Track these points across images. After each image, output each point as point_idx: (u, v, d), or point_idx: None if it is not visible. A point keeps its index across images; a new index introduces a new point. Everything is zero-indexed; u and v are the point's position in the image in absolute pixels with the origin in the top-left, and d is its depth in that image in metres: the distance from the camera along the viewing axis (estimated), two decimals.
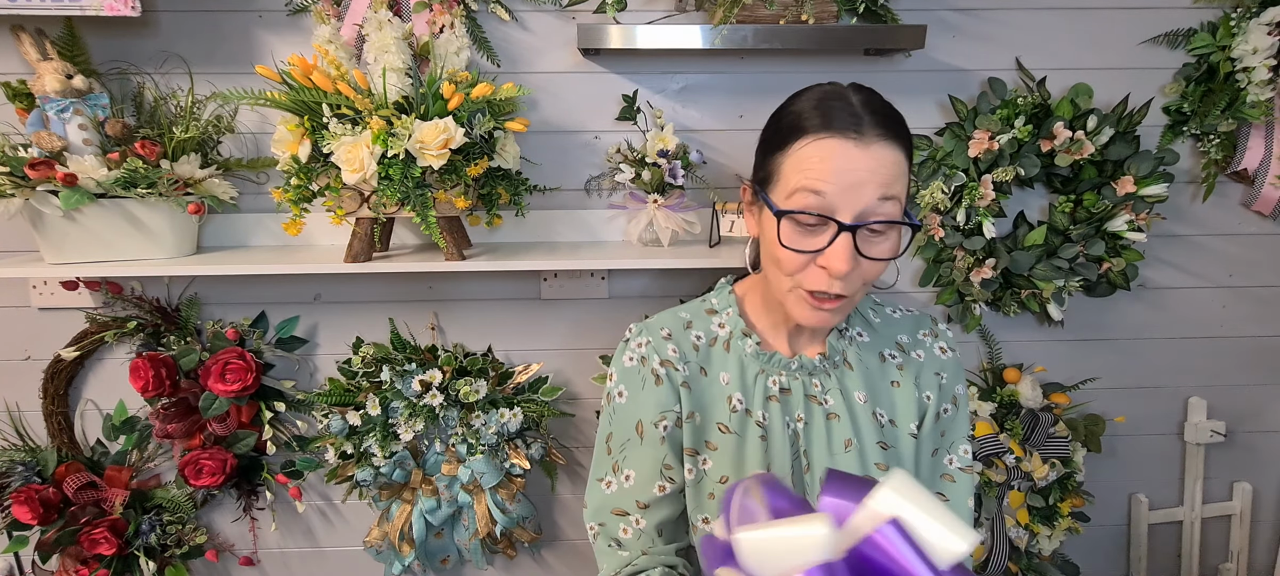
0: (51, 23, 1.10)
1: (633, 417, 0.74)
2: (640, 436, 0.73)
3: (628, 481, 0.74)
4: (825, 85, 0.68)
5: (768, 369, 0.74)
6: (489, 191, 1.13)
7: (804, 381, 0.73)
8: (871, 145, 0.61)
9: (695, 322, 0.77)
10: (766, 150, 0.68)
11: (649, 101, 1.23)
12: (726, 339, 0.76)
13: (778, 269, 0.67)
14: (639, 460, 0.73)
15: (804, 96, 0.67)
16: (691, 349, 0.75)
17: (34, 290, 1.26)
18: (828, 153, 0.61)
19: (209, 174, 1.14)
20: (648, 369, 0.74)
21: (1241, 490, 1.46)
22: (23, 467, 1.24)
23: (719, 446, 0.73)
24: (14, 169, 1.01)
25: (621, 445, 0.75)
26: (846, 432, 0.71)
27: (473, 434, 1.27)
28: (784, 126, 0.65)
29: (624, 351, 0.77)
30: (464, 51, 1.10)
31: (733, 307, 0.77)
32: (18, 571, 1.35)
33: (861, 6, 1.12)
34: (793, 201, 0.63)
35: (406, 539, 1.32)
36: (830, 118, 0.62)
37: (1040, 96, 1.20)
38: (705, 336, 0.76)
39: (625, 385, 0.75)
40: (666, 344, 0.75)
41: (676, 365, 0.74)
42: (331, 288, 1.30)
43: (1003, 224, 1.30)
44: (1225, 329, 1.39)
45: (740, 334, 0.75)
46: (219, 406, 1.23)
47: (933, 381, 0.76)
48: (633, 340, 0.77)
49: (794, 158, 0.63)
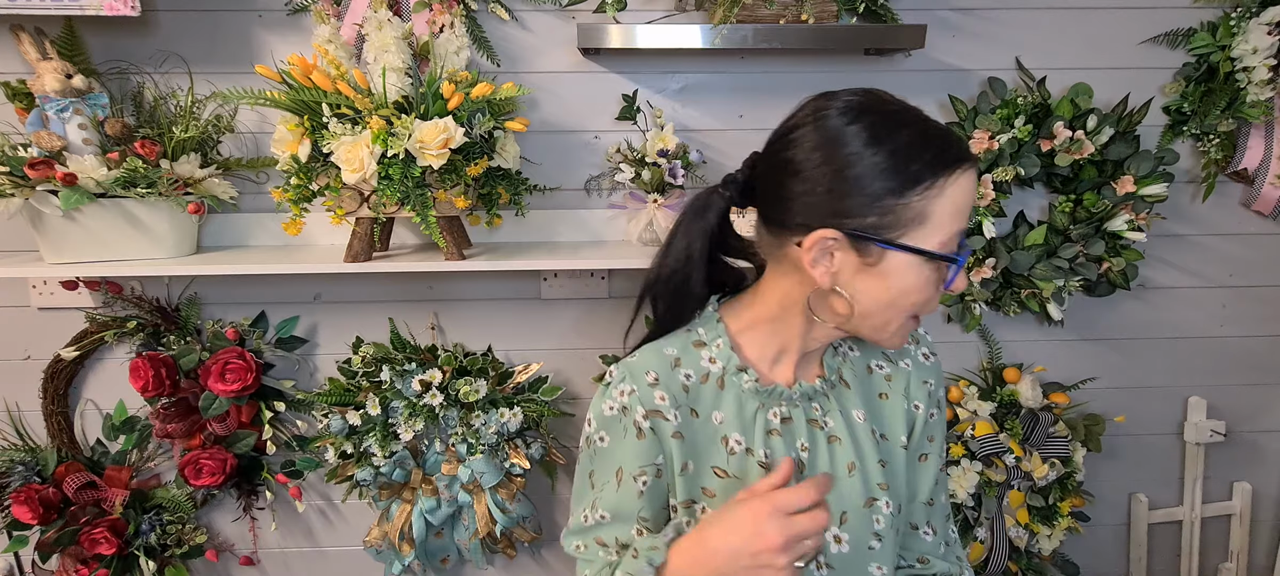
0: (51, 22, 1.10)
1: (613, 464, 0.69)
2: (618, 483, 0.69)
3: (604, 520, 0.70)
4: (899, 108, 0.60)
5: (768, 402, 0.68)
6: (489, 191, 1.13)
7: (804, 407, 0.69)
8: None
9: (683, 359, 0.69)
10: (887, 191, 0.57)
11: (649, 101, 1.23)
12: (719, 375, 0.69)
13: (895, 311, 0.62)
14: (618, 504, 0.70)
15: (903, 128, 0.58)
16: (681, 390, 0.68)
17: (34, 290, 1.26)
18: (969, 183, 0.59)
19: (209, 174, 1.14)
20: (629, 419, 0.67)
21: (1241, 490, 1.46)
22: (23, 467, 1.24)
23: (717, 492, 0.68)
24: (14, 169, 1.01)
25: (602, 485, 0.70)
26: (849, 455, 0.69)
27: (473, 434, 1.27)
28: (915, 164, 0.57)
29: (604, 397, 0.69)
30: (464, 51, 1.10)
31: (722, 338, 0.70)
32: (18, 571, 1.35)
33: (861, 6, 1.12)
34: (952, 243, 0.59)
35: (406, 538, 1.32)
36: (957, 147, 0.59)
37: (1040, 96, 1.20)
38: (695, 374, 0.69)
39: (606, 431, 0.69)
40: (653, 391, 0.67)
41: (666, 414, 0.67)
42: (331, 287, 1.30)
43: (1003, 224, 1.30)
44: (1225, 329, 1.39)
45: (735, 370, 0.69)
46: (219, 406, 1.23)
47: (922, 391, 0.75)
48: (614, 386, 0.69)
49: (946, 198, 0.57)
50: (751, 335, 0.70)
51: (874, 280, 0.60)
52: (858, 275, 0.61)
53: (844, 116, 0.58)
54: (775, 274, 0.68)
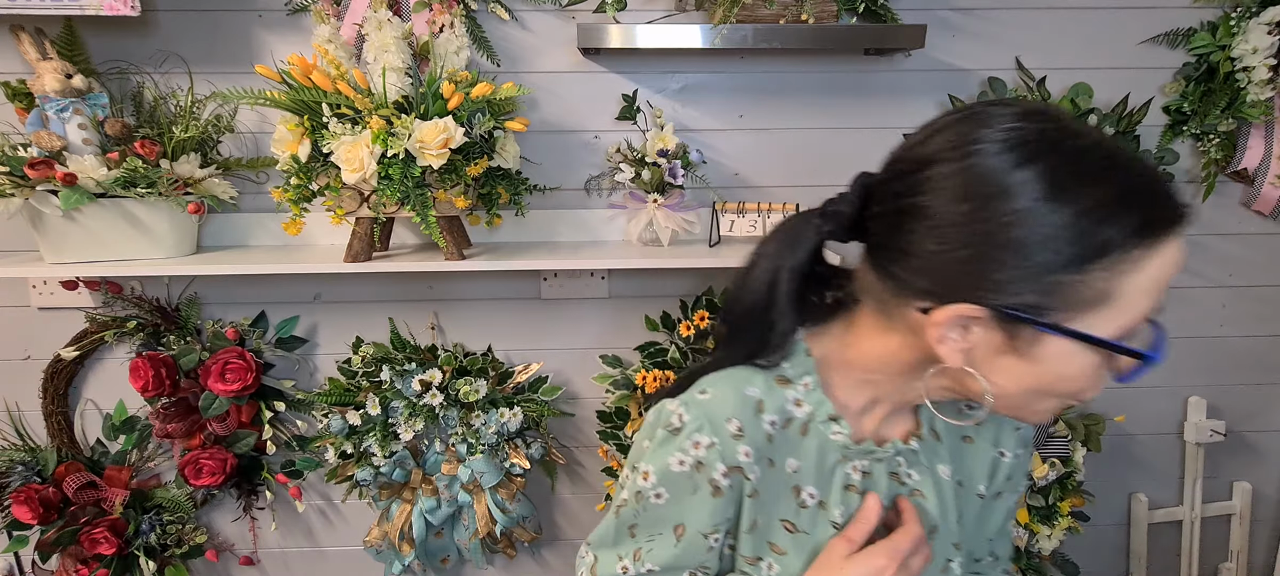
0: (51, 22, 1.10)
1: (671, 521, 0.59)
2: (677, 539, 0.59)
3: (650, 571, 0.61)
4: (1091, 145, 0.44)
5: (851, 457, 0.59)
6: (489, 191, 1.13)
7: (889, 462, 0.60)
8: None
9: (766, 401, 0.57)
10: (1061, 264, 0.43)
11: (649, 101, 1.23)
12: (804, 421, 0.58)
13: (1043, 398, 0.50)
14: (676, 559, 0.60)
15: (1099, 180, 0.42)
16: (764, 441, 0.57)
17: (34, 290, 1.26)
18: (1176, 254, 0.44)
19: (209, 174, 1.14)
20: (704, 477, 0.56)
21: (1241, 489, 1.46)
22: (23, 467, 1.24)
23: (788, 549, 0.59)
24: (14, 168, 1.01)
25: (650, 537, 0.60)
26: (932, 517, 0.60)
27: (473, 433, 1.27)
28: (1110, 229, 0.42)
29: (671, 447, 0.57)
30: (464, 51, 1.10)
31: (811, 376, 0.58)
32: (18, 571, 1.35)
33: (861, 6, 1.12)
34: (1141, 336, 0.46)
35: (406, 538, 1.32)
36: (1171, 206, 0.44)
37: (1040, 96, 1.20)
38: (779, 419, 0.58)
39: (668, 488, 0.58)
40: (737, 445, 0.56)
41: (748, 472, 0.57)
42: (331, 287, 1.30)
43: None
44: (1225, 329, 1.39)
45: (826, 418, 0.58)
46: (219, 406, 1.23)
47: (1013, 437, 0.65)
48: (687, 436, 0.56)
49: (1144, 274, 0.43)
50: (843, 377, 0.59)
51: (1021, 365, 0.48)
52: (1000, 356, 0.48)
53: (1009, 156, 0.43)
54: (880, 328, 0.55)
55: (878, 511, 0.57)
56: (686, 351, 1.29)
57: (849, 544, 0.56)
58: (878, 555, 0.55)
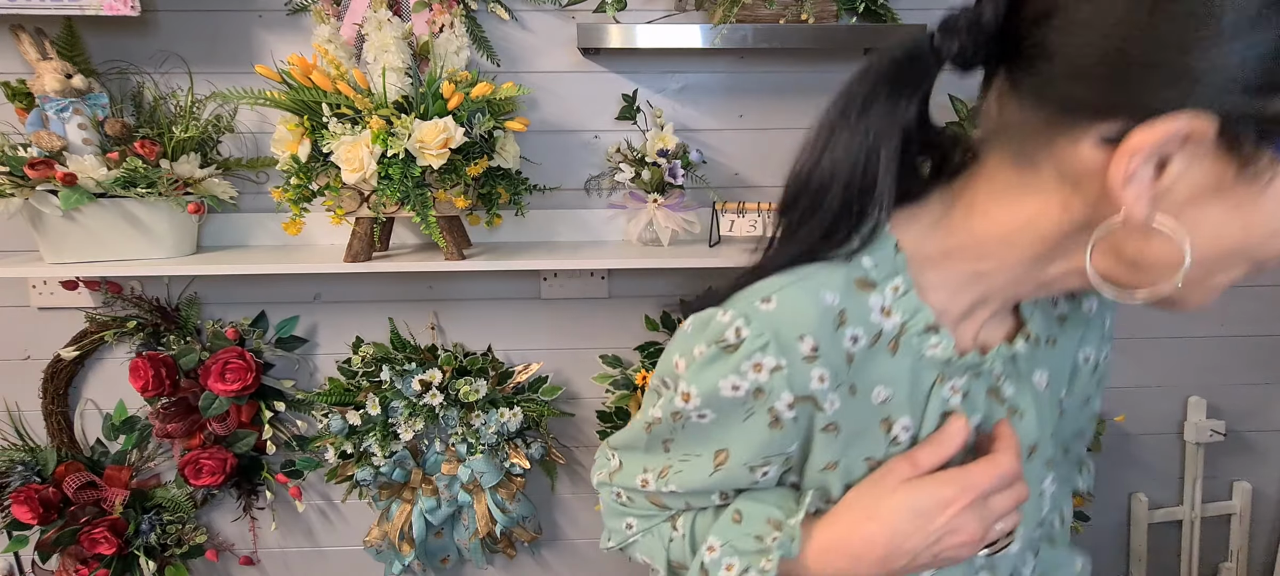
0: (51, 22, 1.10)
1: (715, 444, 0.49)
2: (716, 466, 0.49)
3: (672, 492, 0.53)
4: None
5: (951, 374, 0.47)
6: (489, 191, 1.13)
7: (987, 377, 0.48)
8: None
9: (849, 312, 0.44)
10: None
11: (649, 101, 1.23)
12: (894, 335, 0.45)
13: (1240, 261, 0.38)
14: (708, 485, 0.50)
15: None
16: (844, 363, 0.45)
17: (34, 290, 1.26)
18: None
19: (209, 174, 1.14)
20: (763, 406, 0.45)
21: (1241, 489, 1.46)
22: (23, 467, 1.24)
23: None
24: (14, 168, 1.01)
25: (684, 456, 0.51)
26: (1032, 435, 0.50)
27: (473, 433, 1.27)
28: None
29: (723, 366, 0.44)
30: (464, 51, 1.10)
31: (901, 279, 0.45)
32: (18, 571, 1.35)
33: (861, 6, 1.12)
34: None
35: (406, 538, 1.32)
36: None
37: None
38: (864, 335, 0.45)
39: (716, 411, 0.47)
40: (810, 369, 0.44)
41: (823, 401, 0.45)
42: (331, 287, 1.30)
43: None
44: (1225, 329, 1.39)
45: (922, 329, 0.45)
46: (219, 406, 1.23)
47: (1096, 336, 0.55)
48: (746, 354, 0.43)
49: None
50: (941, 274, 0.46)
51: (1235, 214, 0.35)
52: (1206, 202, 0.35)
53: None
54: (1011, 189, 0.42)
55: (963, 436, 0.45)
56: None
57: (913, 467, 0.45)
58: (945, 484, 0.44)
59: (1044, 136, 0.38)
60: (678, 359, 0.48)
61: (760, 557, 0.47)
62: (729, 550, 0.49)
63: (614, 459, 0.58)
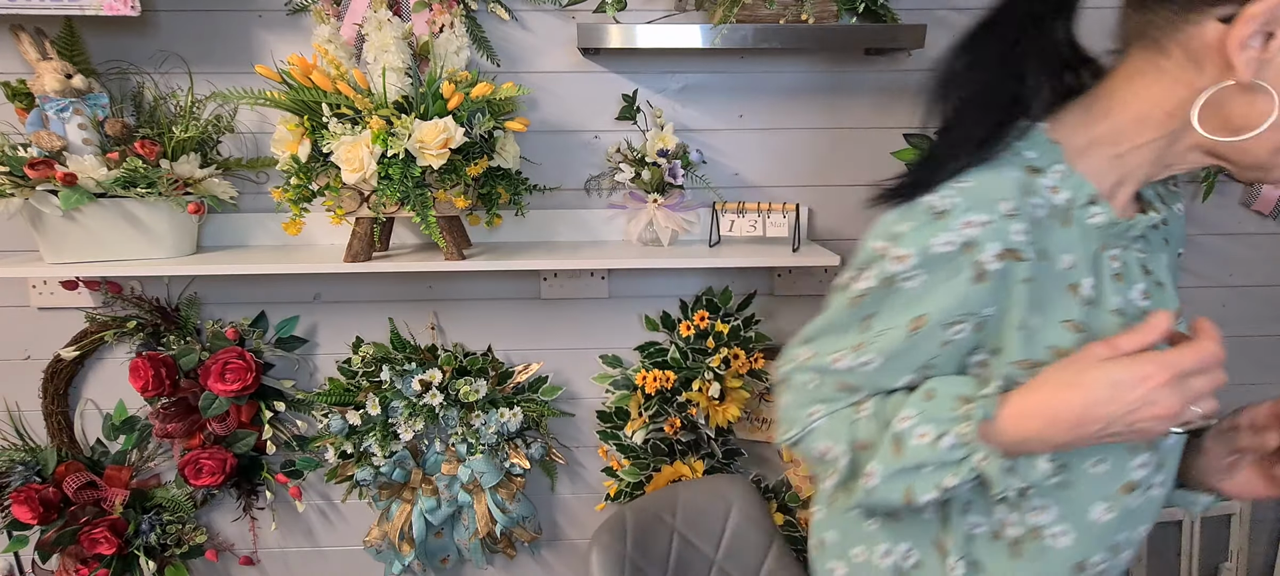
0: (51, 22, 1.10)
1: (916, 309, 0.54)
2: (913, 330, 0.54)
3: (865, 365, 0.57)
4: None
5: (1110, 242, 0.55)
6: (489, 191, 1.13)
7: (1133, 250, 0.57)
8: None
9: (1029, 187, 0.53)
10: None
11: (649, 101, 1.23)
12: (1064, 209, 0.54)
13: None
14: (902, 354, 0.56)
15: None
16: (1035, 224, 0.53)
17: (34, 290, 1.26)
18: None
19: (209, 174, 1.14)
20: (970, 259, 0.51)
21: None
22: (23, 467, 1.24)
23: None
24: (14, 169, 1.01)
25: (880, 330, 0.56)
26: (1172, 303, 0.58)
27: (473, 433, 1.27)
28: None
29: (936, 228, 0.52)
30: (464, 51, 1.10)
31: (1061, 163, 0.54)
32: (18, 571, 1.35)
33: (861, 6, 1.12)
34: None
35: (406, 538, 1.32)
36: None
37: None
38: (1044, 205, 0.53)
39: (927, 271, 0.53)
40: (1010, 224, 0.51)
41: (1024, 253, 0.52)
42: (331, 287, 1.30)
43: None
44: (1225, 329, 1.37)
45: (1085, 201, 0.54)
46: (219, 406, 1.23)
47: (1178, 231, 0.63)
48: (957, 215, 0.51)
49: None
50: (1088, 161, 0.55)
51: None
52: None
53: None
54: (1145, 73, 0.52)
55: (1165, 328, 0.50)
56: (686, 351, 1.29)
57: (1112, 349, 0.50)
58: (1146, 361, 0.48)
59: (1173, 24, 0.49)
60: (880, 242, 0.55)
61: (957, 422, 0.53)
62: (923, 419, 0.54)
63: (803, 350, 0.62)
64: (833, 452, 0.60)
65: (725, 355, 1.27)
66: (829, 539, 0.72)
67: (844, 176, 1.27)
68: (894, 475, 0.55)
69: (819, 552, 0.74)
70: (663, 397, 1.30)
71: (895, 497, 0.56)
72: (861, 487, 0.58)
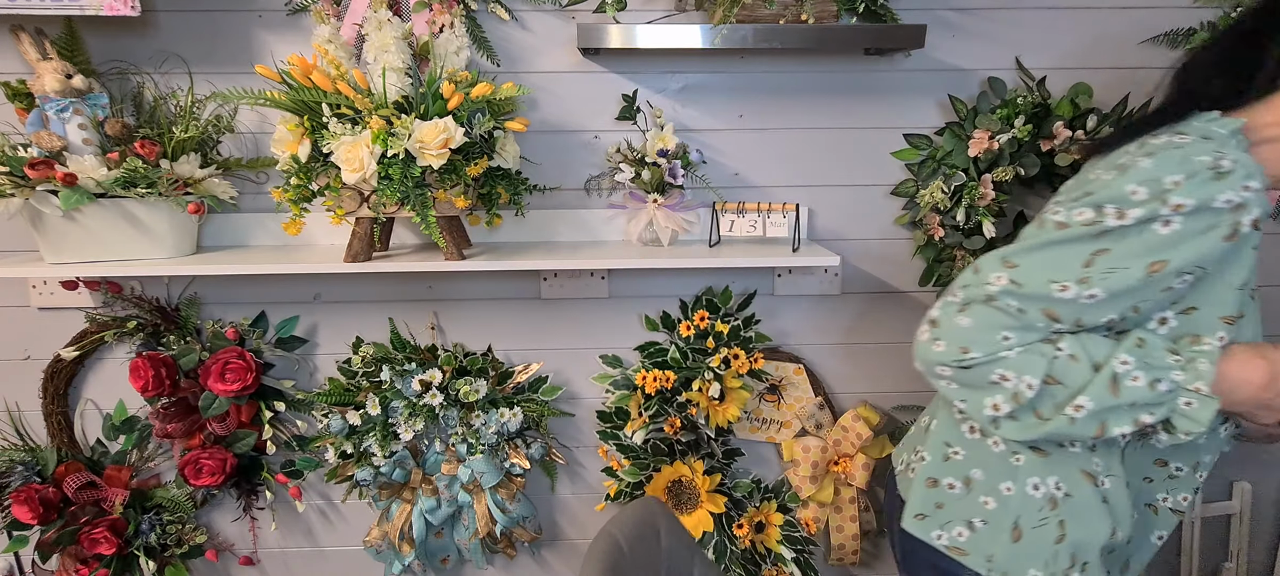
0: (51, 22, 1.10)
1: (1159, 254, 0.62)
2: (1148, 273, 0.63)
3: (1090, 300, 0.64)
4: None
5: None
6: (489, 191, 1.13)
7: None
8: None
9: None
10: None
11: (649, 101, 1.23)
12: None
13: None
14: (1128, 291, 0.63)
15: None
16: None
17: (34, 290, 1.26)
18: None
19: (209, 174, 1.14)
20: (1231, 221, 0.61)
21: (1241, 490, 1.46)
22: (23, 467, 1.24)
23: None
24: (14, 169, 1.01)
25: (1113, 266, 0.63)
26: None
27: (473, 433, 1.27)
28: None
29: (1220, 185, 0.60)
30: (464, 51, 1.10)
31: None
32: (18, 571, 1.35)
33: (861, 6, 1.12)
34: None
35: (406, 538, 1.32)
36: None
37: (1040, 96, 1.20)
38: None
39: (1195, 221, 0.61)
40: (1262, 197, 0.61)
41: (1262, 224, 0.63)
42: (331, 287, 1.30)
43: (1003, 224, 1.30)
44: None
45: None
46: (219, 406, 1.23)
47: None
48: (1239, 178, 0.60)
49: None
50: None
51: None
52: None
53: None
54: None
55: None
56: (686, 351, 1.29)
57: None
58: None
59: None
60: (1134, 185, 0.62)
61: (1172, 370, 0.64)
62: (1139, 365, 0.64)
63: (1000, 271, 0.67)
64: (1018, 383, 0.66)
65: (725, 355, 1.27)
66: (975, 476, 0.80)
67: (844, 176, 1.27)
68: (1104, 410, 0.64)
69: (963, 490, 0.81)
70: (663, 397, 1.30)
71: (1089, 430, 0.65)
72: (1057, 419, 0.65)
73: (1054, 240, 0.66)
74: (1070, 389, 0.65)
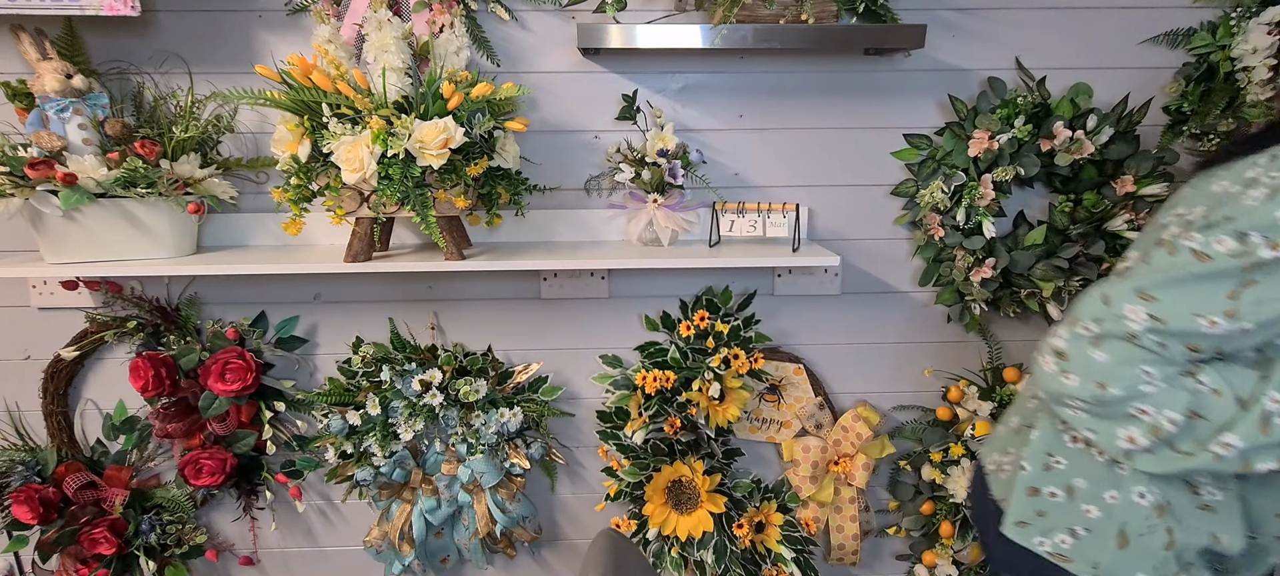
0: (51, 22, 1.10)
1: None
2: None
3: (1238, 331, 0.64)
4: None
5: None
6: (489, 191, 1.13)
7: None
8: None
9: None
10: None
11: (649, 101, 1.23)
12: None
13: None
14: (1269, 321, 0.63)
15: None
16: None
17: (34, 290, 1.26)
18: None
19: (209, 174, 1.14)
20: None
21: None
22: (23, 467, 1.24)
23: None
24: (14, 169, 1.01)
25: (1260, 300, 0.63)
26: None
27: (473, 433, 1.27)
28: None
29: None
30: (464, 51, 1.10)
31: None
32: (18, 571, 1.35)
33: (861, 6, 1.12)
34: None
35: (406, 538, 1.32)
36: None
37: (1040, 96, 1.20)
38: None
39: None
40: None
41: None
42: (331, 287, 1.30)
43: (1003, 223, 1.30)
44: None
45: None
46: (219, 406, 1.23)
47: None
48: None
49: None
50: None
51: None
52: None
53: None
54: None
55: None
56: (686, 351, 1.29)
57: None
58: None
59: None
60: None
61: None
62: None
63: (1137, 305, 0.66)
64: (1158, 417, 0.66)
65: (725, 355, 1.27)
66: (1078, 485, 0.78)
67: (844, 176, 1.27)
68: (1255, 449, 0.64)
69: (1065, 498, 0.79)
70: (663, 397, 1.30)
71: (1233, 465, 0.65)
72: (1200, 455, 0.65)
73: (1197, 274, 0.64)
74: (1213, 424, 0.65)
